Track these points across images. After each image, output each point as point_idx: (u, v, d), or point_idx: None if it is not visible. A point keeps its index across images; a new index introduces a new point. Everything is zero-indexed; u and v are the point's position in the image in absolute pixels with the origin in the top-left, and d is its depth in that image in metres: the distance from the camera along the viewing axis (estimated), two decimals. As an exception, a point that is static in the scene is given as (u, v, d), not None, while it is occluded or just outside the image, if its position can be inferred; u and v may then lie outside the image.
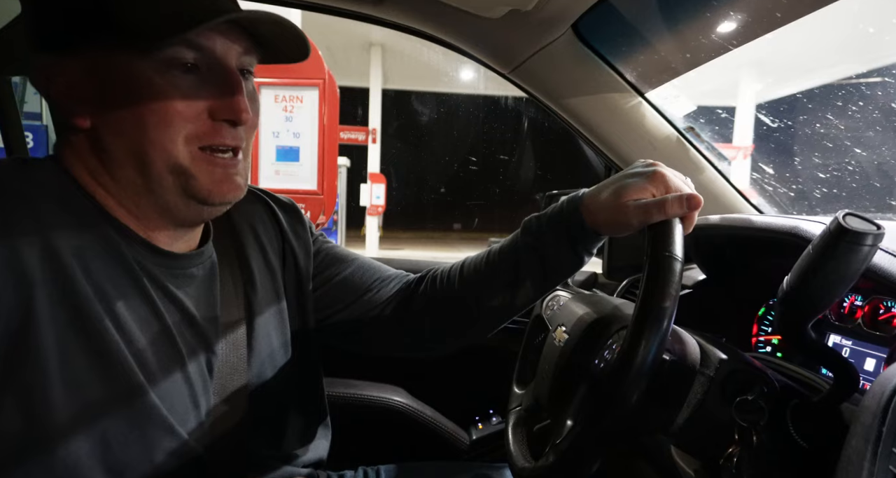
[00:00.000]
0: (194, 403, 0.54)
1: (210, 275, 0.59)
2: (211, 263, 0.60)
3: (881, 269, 0.57)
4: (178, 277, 0.55)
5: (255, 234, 0.67)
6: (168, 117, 0.48)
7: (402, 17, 1.04)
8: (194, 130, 0.50)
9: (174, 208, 0.53)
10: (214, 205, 0.54)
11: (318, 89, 3.51)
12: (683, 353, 0.56)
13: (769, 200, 1.14)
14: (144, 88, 0.48)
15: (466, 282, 0.69)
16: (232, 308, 0.60)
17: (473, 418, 1.28)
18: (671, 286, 0.49)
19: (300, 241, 0.71)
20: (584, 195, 0.63)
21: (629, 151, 1.11)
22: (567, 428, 0.60)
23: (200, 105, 0.50)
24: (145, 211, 0.53)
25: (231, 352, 0.59)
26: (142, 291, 0.51)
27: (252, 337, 0.62)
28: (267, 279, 0.66)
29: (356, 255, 0.77)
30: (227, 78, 0.51)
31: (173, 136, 0.49)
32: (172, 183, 0.51)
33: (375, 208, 9.31)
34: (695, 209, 0.55)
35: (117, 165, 0.50)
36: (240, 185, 0.54)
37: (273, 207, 0.71)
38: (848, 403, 0.51)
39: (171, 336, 0.53)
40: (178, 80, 0.49)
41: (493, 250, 0.69)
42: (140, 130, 0.48)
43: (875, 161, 5.43)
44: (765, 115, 8.43)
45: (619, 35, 1.13)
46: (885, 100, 5.87)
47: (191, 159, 0.50)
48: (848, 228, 0.44)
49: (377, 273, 0.75)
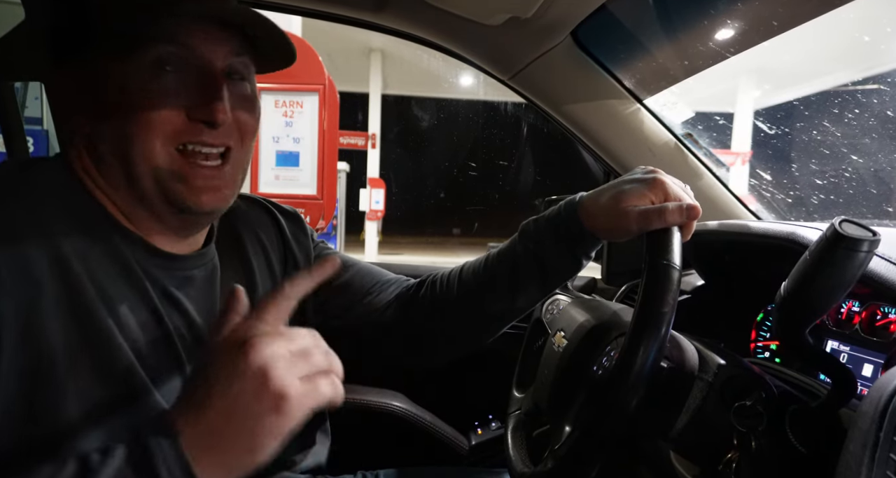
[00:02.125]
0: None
1: (211, 277, 0.59)
2: (212, 265, 0.60)
3: (878, 275, 0.58)
4: (179, 279, 0.55)
5: (258, 239, 0.68)
6: (146, 117, 0.48)
7: (403, 24, 1.05)
8: (171, 129, 0.49)
9: (161, 215, 0.53)
10: (194, 213, 0.53)
11: (319, 94, 3.53)
12: (682, 358, 0.56)
13: (767, 206, 1.14)
14: (126, 90, 0.48)
15: (466, 287, 0.70)
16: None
17: (473, 423, 1.28)
18: (669, 294, 0.49)
19: (301, 247, 0.72)
20: (583, 199, 0.63)
21: (628, 157, 1.11)
22: (566, 433, 0.60)
23: (178, 105, 0.49)
24: (140, 215, 0.53)
25: None
26: (143, 294, 0.51)
27: None
28: (268, 283, 0.66)
29: (356, 260, 0.78)
30: (205, 78, 0.50)
31: (152, 136, 0.49)
32: (154, 190, 0.50)
33: (375, 213, 9.32)
34: (694, 219, 0.56)
35: (110, 170, 0.51)
36: (224, 195, 0.54)
37: (276, 214, 0.72)
38: (846, 408, 0.51)
39: (170, 338, 0.53)
40: (158, 80, 0.49)
41: (491, 255, 0.70)
42: (122, 131, 0.49)
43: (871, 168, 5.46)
44: (762, 121, 8.48)
45: (617, 42, 1.14)
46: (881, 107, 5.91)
47: (170, 162, 0.50)
48: (844, 234, 0.45)
49: (377, 278, 0.75)
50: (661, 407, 0.54)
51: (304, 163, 3.58)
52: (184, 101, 0.50)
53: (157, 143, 0.49)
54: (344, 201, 7.88)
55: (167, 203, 0.51)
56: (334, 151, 3.73)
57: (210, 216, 0.56)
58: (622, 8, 1.02)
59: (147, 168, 0.50)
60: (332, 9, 1.03)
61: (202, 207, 0.52)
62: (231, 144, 0.53)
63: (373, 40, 9.81)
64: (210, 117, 0.50)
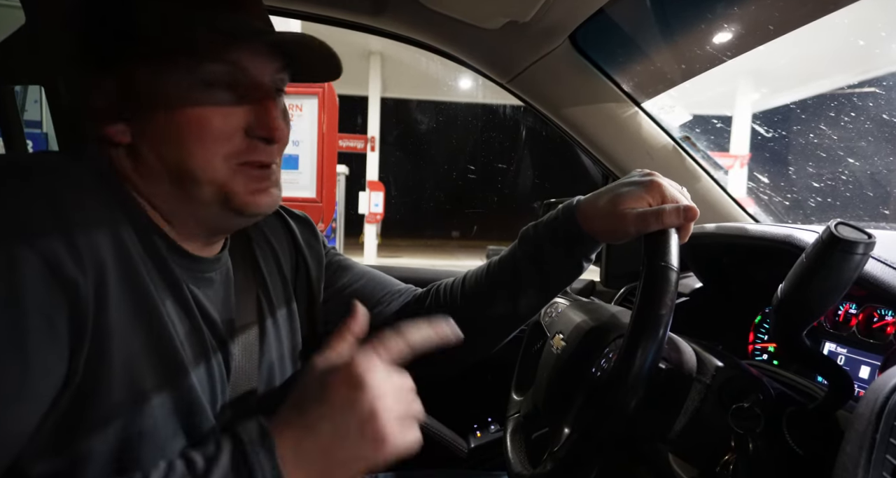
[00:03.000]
0: (212, 403, 0.56)
1: (226, 280, 0.60)
2: (227, 268, 0.61)
3: (874, 277, 0.58)
4: (201, 281, 0.56)
5: (269, 244, 0.68)
6: (206, 134, 0.50)
7: (402, 27, 1.05)
8: (232, 148, 0.51)
9: (211, 218, 0.55)
10: (251, 215, 0.55)
11: (318, 98, 3.53)
12: (680, 360, 0.56)
13: (765, 209, 1.15)
14: (184, 105, 0.49)
15: (469, 295, 0.70)
16: (245, 313, 0.61)
17: (472, 425, 1.28)
18: (667, 295, 0.49)
19: (313, 252, 0.72)
20: (581, 202, 0.64)
21: (626, 159, 1.12)
22: (565, 435, 0.60)
23: (237, 122, 0.51)
24: (182, 219, 0.54)
25: (243, 356, 0.60)
26: (179, 288, 0.52)
27: (263, 342, 0.63)
28: (279, 288, 0.67)
29: (368, 268, 0.78)
30: (262, 96, 0.52)
31: (212, 152, 0.51)
32: (211, 195, 0.52)
33: (374, 216, 9.32)
34: (691, 220, 0.56)
35: (156, 178, 0.52)
36: (275, 196, 0.56)
37: (287, 219, 0.72)
38: (843, 410, 0.52)
39: (201, 334, 0.54)
40: (216, 97, 0.50)
41: (493, 262, 0.70)
42: (180, 145, 0.50)
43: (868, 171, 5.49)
44: (760, 124, 8.50)
45: (615, 46, 1.15)
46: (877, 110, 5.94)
47: (230, 174, 0.52)
48: (840, 237, 0.45)
49: (387, 287, 0.76)
50: (660, 409, 0.55)
51: (303, 166, 3.58)
52: (242, 119, 0.52)
53: (218, 159, 0.51)
54: (343, 204, 7.87)
55: (225, 208, 0.53)
56: (333, 154, 3.74)
57: (260, 217, 0.58)
58: (620, 12, 1.02)
59: (206, 179, 0.51)
60: (331, 12, 1.03)
61: (260, 209, 0.54)
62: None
63: (372, 43, 9.84)
64: (270, 135, 0.52)
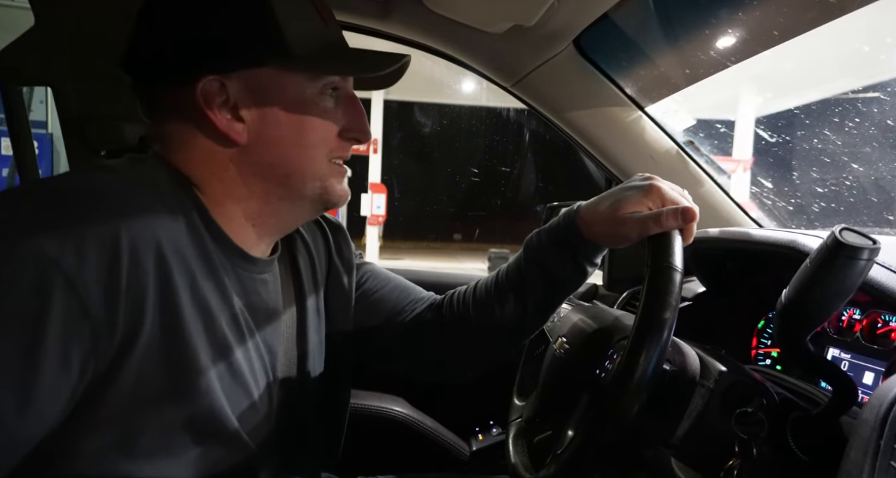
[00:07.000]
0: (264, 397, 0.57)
1: (275, 281, 0.62)
2: (276, 270, 0.63)
3: (879, 283, 0.58)
4: (257, 282, 0.58)
5: (307, 246, 0.70)
6: (321, 135, 0.57)
7: (407, 31, 1.06)
8: (333, 146, 0.58)
9: (299, 213, 0.60)
10: (336, 206, 0.62)
11: (321, 100, 3.53)
12: (683, 364, 0.56)
13: (768, 214, 1.15)
14: (308, 109, 0.55)
15: (479, 305, 0.71)
16: (287, 315, 0.63)
17: (474, 428, 1.28)
18: (671, 297, 0.49)
19: (344, 259, 0.74)
20: (581, 208, 0.64)
21: (629, 164, 1.12)
22: (568, 439, 0.60)
23: (338, 125, 0.58)
24: (264, 217, 0.57)
25: (285, 356, 0.62)
26: (225, 291, 0.53)
27: (301, 345, 0.65)
28: (312, 291, 0.68)
29: (393, 275, 0.79)
30: (355, 103, 0.60)
31: (321, 151, 0.57)
32: (313, 190, 0.58)
33: (376, 218, 9.33)
34: (691, 221, 0.56)
35: (261, 176, 0.56)
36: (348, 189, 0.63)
37: (323, 225, 0.74)
38: (847, 416, 0.52)
39: (253, 334, 0.56)
40: (328, 103, 0.57)
41: (500, 271, 0.71)
42: (300, 145, 0.56)
43: (872, 176, 5.47)
44: (764, 129, 8.49)
45: (620, 50, 1.15)
46: (881, 116, 5.93)
47: (329, 171, 0.59)
48: (844, 242, 0.45)
49: (411, 295, 0.77)
50: (663, 413, 0.54)
51: (306, 167, 3.58)
52: (340, 122, 0.58)
53: (322, 157, 0.57)
54: (345, 206, 7.90)
55: (318, 202, 0.59)
56: (337, 156, 3.73)
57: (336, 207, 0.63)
58: (624, 16, 1.03)
59: (312, 175, 0.57)
60: (337, 16, 1.03)
61: (344, 199, 0.61)
62: None
63: (376, 46, 9.84)
64: (363, 138, 0.60)
